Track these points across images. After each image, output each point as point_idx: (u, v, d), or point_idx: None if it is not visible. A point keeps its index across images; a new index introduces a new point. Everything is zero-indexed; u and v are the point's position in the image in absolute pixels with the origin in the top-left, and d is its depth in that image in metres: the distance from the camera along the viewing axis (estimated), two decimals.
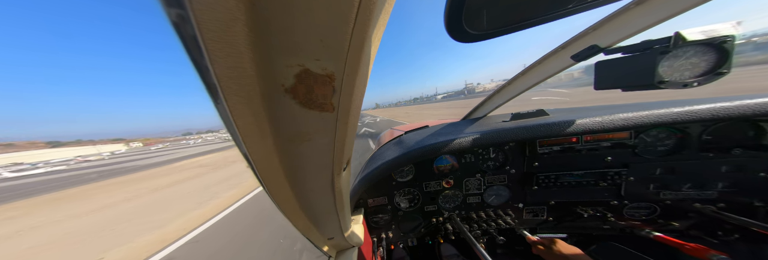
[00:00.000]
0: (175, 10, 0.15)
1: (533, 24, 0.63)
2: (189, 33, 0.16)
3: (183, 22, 0.15)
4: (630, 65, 0.63)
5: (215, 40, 0.17)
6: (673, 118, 0.82)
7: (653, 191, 1.03)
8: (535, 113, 1.23)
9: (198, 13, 0.15)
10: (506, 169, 1.15)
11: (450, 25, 0.59)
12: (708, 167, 0.95)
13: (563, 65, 0.91)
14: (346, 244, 0.88)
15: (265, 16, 0.19)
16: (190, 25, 0.15)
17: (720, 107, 0.79)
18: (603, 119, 0.89)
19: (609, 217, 1.11)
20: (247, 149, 0.27)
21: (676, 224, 1.06)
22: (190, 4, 0.14)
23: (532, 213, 1.21)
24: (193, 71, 0.19)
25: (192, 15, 0.15)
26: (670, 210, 1.05)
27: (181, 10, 0.14)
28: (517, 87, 1.21)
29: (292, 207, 0.48)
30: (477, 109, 1.57)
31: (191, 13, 0.15)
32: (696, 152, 0.94)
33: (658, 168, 1.00)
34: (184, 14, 0.15)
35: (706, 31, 0.51)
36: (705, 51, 0.53)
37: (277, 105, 0.26)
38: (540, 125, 0.96)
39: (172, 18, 0.15)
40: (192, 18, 0.15)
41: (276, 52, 0.22)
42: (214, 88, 0.20)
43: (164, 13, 0.15)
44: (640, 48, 0.60)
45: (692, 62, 0.54)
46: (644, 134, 0.98)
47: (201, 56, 0.17)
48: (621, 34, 0.67)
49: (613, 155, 1.01)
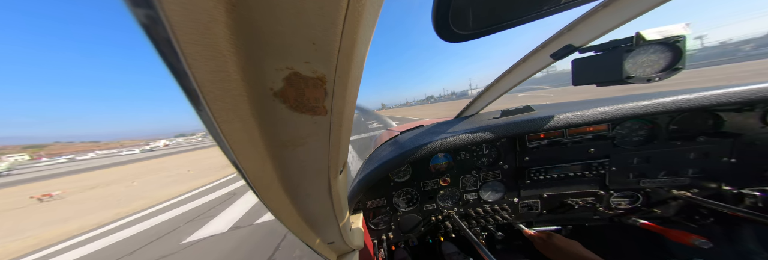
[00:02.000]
0: (143, 10, 0.13)
1: (514, 24, 0.68)
2: (161, 35, 0.14)
3: (154, 24, 0.14)
4: (601, 63, 0.69)
5: (192, 42, 0.16)
6: (643, 110, 0.89)
7: (633, 179, 1.10)
8: (523, 110, 1.29)
9: (170, 13, 0.14)
10: (500, 164, 1.19)
11: (438, 25, 0.64)
12: (678, 155, 1.02)
13: (544, 63, 0.97)
14: (347, 248, 0.88)
15: (248, 17, 0.18)
16: (161, 26, 0.14)
17: (682, 99, 0.86)
18: (583, 113, 0.95)
19: (598, 207, 1.16)
20: (236, 156, 0.25)
21: (658, 211, 1.12)
22: (160, 4, 0.13)
23: (527, 207, 1.25)
24: (170, 76, 0.17)
25: (163, 16, 0.14)
26: (651, 197, 1.12)
27: (150, 10, 0.13)
28: (504, 85, 1.27)
29: (289, 213, 0.47)
30: (468, 107, 1.62)
31: (162, 14, 0.14)
32: (666, 141, 1.02)
33: (635, 158, 1.06)
34: (154, 15, 0.14)
35: (662, 32, 0.58)
36: (662, 49, 0.60)
37: (266, 110, 0.25)
38: (528, 120, 1.01)
39: (140, 19, 0.14)
40: (164, 19, 0.14)
41: (262, 55, 0.21)
42: (195, 93, 0.18)
43: (131, 14, 0.13)
44: (608, 47, 0.66)
45: (652, 59, 0.60)
46: (620, 125, 1.05)
47: (177, 60, 0.16)
48: (592, 34, 0.74)
49: (595, 147, 1.08)
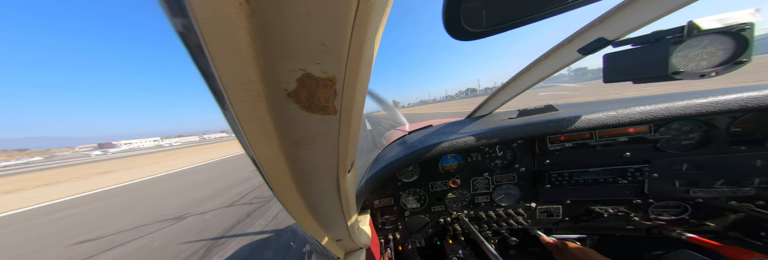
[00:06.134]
0: (180, 19, 0.15)
1: (532, 20, 0.61)
2: (194, 42, 0.16)
3: (188, 32, 0.16)
4: (641, 57, 0.61)
5: (220, 47, 0.18)
6: (697, 109, 0.77)
7: (681, 188, 0.97)
8: (544, 109, 1.19)
9: (201, 21, 0.15)
10: (515, 167, 1.12)
11: (448, 23, 0.58)
12: (741, 162, 0.88)
13: (570, 59, 0.87)
14: (354, 246, 0.88)
15: (265, 21, 0.19)
16: (194, 33, 0.16)
17: (748, 97, 0.74)
18: (618, 112, 0.85)
19: (632, 217, 1.05)
20: (255, 153, 0.28)
21: (711, 224, 0.98)
22: (192, 13, 0.15)
23: (546, 212, 1.17)
24: (201, 80, 0.19)
25: (195, 23, 0.15)
26: (703, 208, 0.98)
27: (185, 19, 0.15)
28: (522, 83, 1.18)
29: (300, 209, 0.49)
30: (481, 107, 1.53)
31: (195, 22, 0.15)
32: (725, 146, 0.88)
33: (684, 164, 0.93)
34: (188, 24, 0.15)
35: (723, 19, 0.48)
36: (722, 40, 0.50)
37: (281, 110, 0.27)
38: (549, 120, 0.92)
39: (178, 28, 0.16)
40: (196, 26, 0.15)
41: (277, 58, 0.22)
42: (221, 95, 0.20)
43: (170, 24, 0.15)
44: (651, 39, 0.57)
45: (708, 52, 0.51)
46: (665, 127, 0.92)
47: (207, 64, 0.18)
48: (629, 26, 0.64)
49: (631, 151, 0.96)
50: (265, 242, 3.10)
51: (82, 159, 64.28)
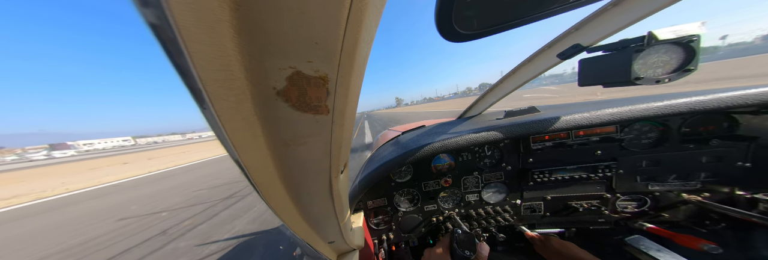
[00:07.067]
0: (152, 10, 0.14)
1: (520, 24, 0.66)
2: (168, 35, 0.15)
3: (161, 23, 0.14)
4: (609, 63, 0.67)
5: (198, 42, 0.16)
6: (654, 112, 0.86)
7: (642, 183, 1.07)
8: (527, 110, 1.27)
9: (177, 13, 0.14)
10: (502, 166, 1.17)
11: (440, 25, 0.62)
12: (690, 159, 0.99)
13: (550, 63, 0.95)
14: (347, 247, 0.88)
15: (252, 17, 0.18)
16: (168, 26, 0.14)
17: (696, 101, 0.83)
18: (591, 114, 0.93)
19: (603, 210, 1.14)
20: (239, 155, 0.26)
21: (666, 215, 1.09)
22: (167, 4, 0.14)
23: (530, 209, 1.23)
24: (176, 75, 0.17)
25: (170, 16, 0.14)
26: (660, 201, 1.09)
27: (158, 10, 0.14)
28: (508, 85, 1.25)
29: (290, 212, 0.47)
30: (471, 107, 1.60)
31: (169, 14, 0.14)
32: (677, 144, 0.99)
33: (644, 160, 1.04)
34: (161, 15, 0.14)
35: (676, 31, 0.55)
36: (675, 49, 0.57)
37: (268, 109, 0.26)
38: (532, 121, 0.99)
39: (148, 19, 0.14)
40: (170, 19, 0.14)
41: (266, 55, 0.21)
42: (200, 92, 0.19)
43: (140, 14, 0.14)
44: (618, 46, 0.63)
45: (663, 60, 0.58)
46: (629, 128, 1.02)
47: (183, 59, 0.16)
48: (601, 33, 0.71)
49: (602, 149, 1.05)
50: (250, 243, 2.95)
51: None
